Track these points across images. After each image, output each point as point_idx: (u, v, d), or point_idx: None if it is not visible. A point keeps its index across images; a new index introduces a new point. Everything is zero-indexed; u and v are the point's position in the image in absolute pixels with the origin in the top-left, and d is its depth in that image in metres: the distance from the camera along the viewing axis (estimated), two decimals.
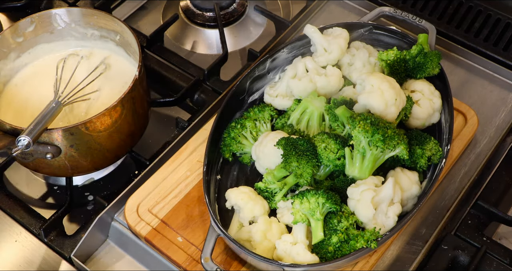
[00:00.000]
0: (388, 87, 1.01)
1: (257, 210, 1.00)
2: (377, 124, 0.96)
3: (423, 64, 1.09)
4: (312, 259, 0.94)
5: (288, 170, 1.00)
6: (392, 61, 1.10)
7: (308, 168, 0.98)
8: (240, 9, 1.38)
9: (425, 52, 1.09)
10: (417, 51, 1.10)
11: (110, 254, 1.08)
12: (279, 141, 1.00)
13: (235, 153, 1.11)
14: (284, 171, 1.00)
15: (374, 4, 1.36)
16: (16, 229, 1.09)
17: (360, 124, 0.96)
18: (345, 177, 1.01)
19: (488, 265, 1.00)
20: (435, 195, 1.10)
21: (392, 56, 1.10)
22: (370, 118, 0.97)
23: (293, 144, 0.99)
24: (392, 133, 0.96)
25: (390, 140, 0.96)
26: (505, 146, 1.18)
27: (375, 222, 0.96)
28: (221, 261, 1.01)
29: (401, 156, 0.99)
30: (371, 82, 1.02)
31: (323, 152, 1.00)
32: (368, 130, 0.95)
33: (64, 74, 1.15)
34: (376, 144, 0.95)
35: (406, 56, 1.10)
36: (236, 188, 1.04)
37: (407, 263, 1.03)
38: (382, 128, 0.96)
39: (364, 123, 0.96)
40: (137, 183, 1.10)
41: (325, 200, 0.94)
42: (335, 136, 1.01)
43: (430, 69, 1.10)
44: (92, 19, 1.18)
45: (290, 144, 0.99)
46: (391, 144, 0.96)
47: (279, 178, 1.01)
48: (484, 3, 1.32)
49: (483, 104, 1.23)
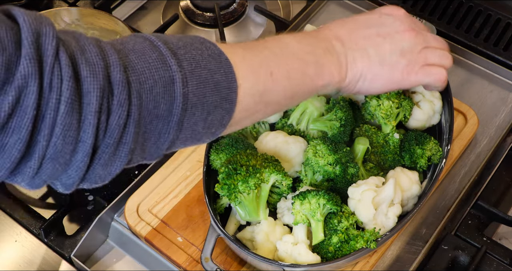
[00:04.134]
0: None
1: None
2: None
3: None
4: (314, 259, 0.93)
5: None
6: None
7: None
8: (240, 9, 1.38)
9: None
10: None
11: (110, 254, 1.08)
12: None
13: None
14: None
15: (374, 4, 1.36)
16: (16, 229, 1.09)
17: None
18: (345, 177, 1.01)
19: (488, 265, 1.00)
20: (435, 195, 1.10)
21: None
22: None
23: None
24: (252, 170, 0.95)
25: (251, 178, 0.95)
26: (505, 146, 1.18)
27: (375, 223, 0.96)
28: (221, 261, 1.01)
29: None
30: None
31: (313, 157, 1.00)
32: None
33: None
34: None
35: None
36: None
37: (407, 263, 1.03)
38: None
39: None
40: (137, 183, 1.10)
41: (326, 201, 0.94)
42: (330, 141, 1.01)
43: None
44: (92, 19, 1.18)
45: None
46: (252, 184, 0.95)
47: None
48: (484, 3, 1.32)
49: (483, 104, 1.23)
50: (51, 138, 0.57)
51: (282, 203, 1.01)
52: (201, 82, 0.66)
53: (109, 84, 0.59)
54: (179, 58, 0.65)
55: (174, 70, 0.64)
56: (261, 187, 0.97)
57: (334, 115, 1.04)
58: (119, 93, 0.60)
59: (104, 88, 0.59)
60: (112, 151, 0.61)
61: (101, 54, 0.60)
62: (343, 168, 1.00)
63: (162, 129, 0.65)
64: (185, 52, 0.66)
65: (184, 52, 0.66)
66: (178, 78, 0.64)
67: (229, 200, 0.96)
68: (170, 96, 0.63)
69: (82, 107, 0.58)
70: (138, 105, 0.61)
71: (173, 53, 0.65)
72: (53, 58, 0.56)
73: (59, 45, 0.58)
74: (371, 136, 1.04)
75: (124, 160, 0.63)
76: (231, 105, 0.69)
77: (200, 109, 0.66)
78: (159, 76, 0.63)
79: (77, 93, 0.57)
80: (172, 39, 0.68)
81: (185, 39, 0.69)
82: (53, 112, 0.56)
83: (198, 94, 0.66)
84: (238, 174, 0.95)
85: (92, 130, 0.58)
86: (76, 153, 0.59)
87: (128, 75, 0.61)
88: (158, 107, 0.63)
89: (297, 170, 1.05)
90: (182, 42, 0.68)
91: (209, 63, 0.68)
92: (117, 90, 0.60)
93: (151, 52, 0.64)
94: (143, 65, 0.62)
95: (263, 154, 0.99)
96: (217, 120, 0.69)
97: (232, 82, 0.69)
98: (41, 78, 0.55)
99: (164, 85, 0.63)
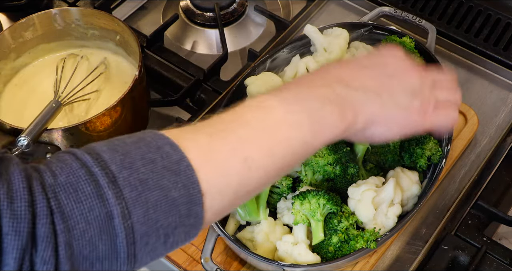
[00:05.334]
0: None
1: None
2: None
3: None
4: (315, 259, 0.93)
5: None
6: None
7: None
8: (240, 9, 1.38)
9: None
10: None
11: None
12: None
13: None
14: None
15: (374, 4, 1.36)
16: None
17: None
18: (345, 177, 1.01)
19: (488, 265, 1.00)
20: (435, 195, 1.10)
21: None
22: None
23: None
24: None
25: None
26: (505, 146, 1.18)
27: (375, 222, 0.96)
28: (221, 261, 1.01)
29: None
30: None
31: (313, 157, 0.99)
32: None
33: (64, 74, 1.15)
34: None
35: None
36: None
37: (407, 263, 1.03)
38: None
39: None
40: None
41: (326, 201, 0.94)
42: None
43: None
44: (92, 19, 1.18)
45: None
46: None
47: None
48: (484, 3, 1.32)
49: (483, 104, 1.23)
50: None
51: (282, 203, 1.01)
52: (150, 208, 0.57)
53: (32, 240, 0.53)
54: (120, 185, 0.57)
55: (112, 204, 0.56)
56: None
57: None
58: (42, 250, 0.53)
59: (26, 247, 0.52)
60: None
61: (29, 202, 0.53)
62: (343, 168, 1.00)
63: (112, 268, 0.57)
64: (129, 175, 0.57)
65: (128, 174, 0.57)
66: (116, 213, 0.56)
67: None
68: (108, 235, 0.56)
69: (1, 267, 0.52)
70: (67, 256, 0.54)
71: (113, 181, 0.56)
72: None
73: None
74: None
75: None
76: (196, 219, 0.61)
77: (155, 236, 0.58)
78: (93, 217, 0.55)
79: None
80: (117, 156, 0.59)
81: (136, 152, 0.59)
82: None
83: (147, 223, 0.57)
84: None
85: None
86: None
87: (55, 224, 0.54)
88: (97, 250, 0.56)
89: (297, 170, 1.05)
90: (130, 158, 0.59)
91: (163, 178, 0.59)
92: (40, 246, 0.53)
93: (85, 184, 0.56)
94: (73, 206, 0.55)
95: None
96: (182, 238, 0.62)
97: (194, 195, 0.60)
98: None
99: (100, 225, 0.55)
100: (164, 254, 0.63)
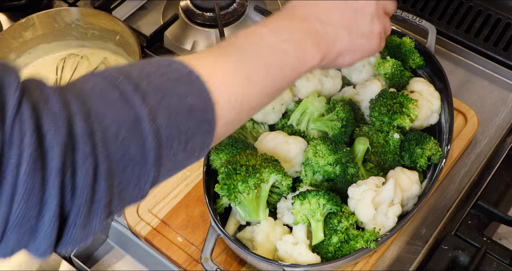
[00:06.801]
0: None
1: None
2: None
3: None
4: (315, 259, 0.93)
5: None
6: (391, 74, 1.09)
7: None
8: (240, 9, 1.38)
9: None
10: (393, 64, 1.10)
11: (110, 254, 1.08)
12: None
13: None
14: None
15: None
16: None
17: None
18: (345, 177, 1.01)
19: (488, 265, 1.00)
20: (435, 195, 1.10)
21: (389, 69, 1.09)
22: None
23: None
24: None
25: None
26: (505, 146, 1.18)
27: (375, 223, 0.96)
28: (221, 261, 1.01)
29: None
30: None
31: (313, 157, 1.00)
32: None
33: (64, 74, 1.15)
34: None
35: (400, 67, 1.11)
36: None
37: (407, 263, 1.03)
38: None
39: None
40: None
41: (326, 201, 0.94)
42: (330, 141, 1.01)
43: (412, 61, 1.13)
44: (92, 19, 1.18)
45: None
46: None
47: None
48: (484, 3, 1.32)
49: (483, 104, 1.23)
50: (13, 201, 0.51)
51: (282, 203, 1.01)
52: (172, 112, 0.61)
53: (71, 137, 0.54)
54: (143, 90, 0.60)
55: (138, 108, 0.59)
56: (261, 187, 0.97)
57: (335, 116, 1.04)
58: (82, 147, 0.54)
59: (67, 142, 0.54)
60: (86, 211, 0.56)
61: (63, 103, 0.55)
62: (343, 168, 1.00)
63: (140, 173, 0.59)
64: (149, 82, 0.61)
65: (148, 82, 0.61)
66: (144, 115, 0.59)
67: (229, 200, 0.96)
68: (139, 137, 0.58)
69: (46, 165, 0.52)
70: (105, 156, 0.56)
71: (136, 87, 0.60)
72: (14, 110, 0.51)
73: (22, 96, 0.53)
74: (371, 136, 1.04)
75: (102, 216, 0.58)
76: (210, 126, 0.65)
77: (177, 140, 0.62)
78: (122, 119, 0.58)
79: (39, 149, 0.52)
80: (134, 69, 0.63)
81: (149, 67, 0.64)
82: (14, 171, 0.50)
83: (171, 126, 0.61)
84: (238, 174, 0.95)
85: (56, 191, 0.53)
86: (42, 217, 0.53)
87: (91, 123, 0.56)
88: (129, 152, 0.58)
89: (297, 170, 1.05)
90: (145, 71, 0.63)
91: (178, 87, 0.63)
92: (80, 143, 0.54)
93: (111, 92, 0.59)
94: (104, 109, 0.57)
95: (263, 154, 0.99)
96: (199, 145, 0.65)
97: (207, 102, 0.64)
98: (1, 133, 0.50)
99: (130, 127, 0.58)
100: (183, 164, 0.66)
